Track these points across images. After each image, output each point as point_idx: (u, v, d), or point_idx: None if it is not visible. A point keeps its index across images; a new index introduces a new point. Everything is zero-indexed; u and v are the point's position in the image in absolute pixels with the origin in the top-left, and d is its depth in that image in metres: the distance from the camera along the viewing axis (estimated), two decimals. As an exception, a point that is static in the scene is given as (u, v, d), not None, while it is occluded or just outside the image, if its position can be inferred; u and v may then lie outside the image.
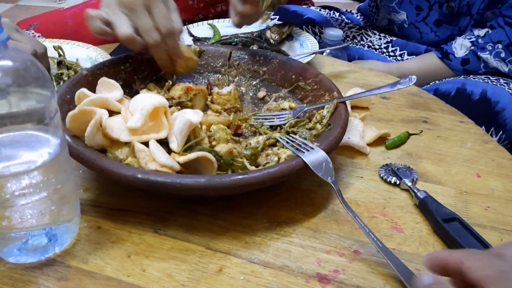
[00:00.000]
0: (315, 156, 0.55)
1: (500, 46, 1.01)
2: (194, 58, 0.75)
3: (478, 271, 0.35)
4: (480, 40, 1.02)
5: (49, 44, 0.90)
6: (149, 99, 0.56)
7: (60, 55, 0.87)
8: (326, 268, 0.50)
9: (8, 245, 0.48)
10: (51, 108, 0.44)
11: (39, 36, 1.05)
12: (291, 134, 0.63)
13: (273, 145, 0.64)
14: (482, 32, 1.03)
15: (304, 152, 0.55)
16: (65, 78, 0.81)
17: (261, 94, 0.78)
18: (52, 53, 0.87)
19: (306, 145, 0.57)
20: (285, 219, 0.56)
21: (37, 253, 0.49)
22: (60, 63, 0.86)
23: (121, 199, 0.58)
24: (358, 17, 1.36)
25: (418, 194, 0.58)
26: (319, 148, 0.55)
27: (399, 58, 1.17)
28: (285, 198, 0.60)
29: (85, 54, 0.87)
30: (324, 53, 1.04)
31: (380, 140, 0.71)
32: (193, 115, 0.57)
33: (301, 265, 0.50)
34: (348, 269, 0.50)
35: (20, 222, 0.46)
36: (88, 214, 0.56)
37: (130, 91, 0.73)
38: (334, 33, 1.03)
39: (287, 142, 0.60)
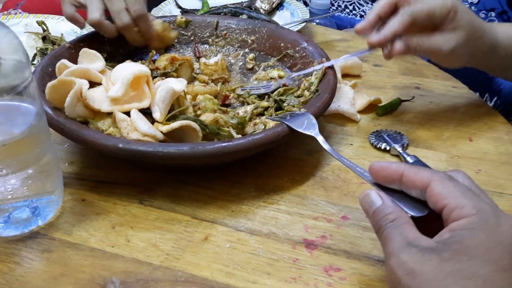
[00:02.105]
0: (297, 118, 0.53)
1: (493, 14, 0.98)
2: (170, 35, 0.74)
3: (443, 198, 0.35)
4: (473, 8, 0.99)
5: (33, 19, 0.88)
6: (130, 68, 0.55)
7: (44, 30, 0.85)
8: (313, 234, 0.49)
9: (-10, 218, 0.47)
10: (24, 76, 0.43)
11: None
12: (278, 108, 0.62)
13: (261, 114, 0.63)
14: None
15: (288, 118, 0.54)
16: (50, 53, 0.79)
17: (251, 56, 0.76)
18: (36, 28, 0.86)
19: (293, 113, 0.56)
20: (273, 187, 0.55)
21: (19, 226, 0.48)
22: (44, 38, 0.84)
23: (107, 171, 0.57)
24: None
25: (407, 159, 0.57)
26: (304, 112, 0.54)
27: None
28: (274, 167, 0.59)
29: (70, 28, 0.85)
30: (313, 23, 1.01)
31: (371, 107, 0.70)
32: (176, 83, 0.55)
33: (288, 232, 0.49)
34: (335, 234, 0.49)
35: (0, 194, 0.45)
36: (72, 187, 0.55)
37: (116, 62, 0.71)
38: (321, 1, 1.01)
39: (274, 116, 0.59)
